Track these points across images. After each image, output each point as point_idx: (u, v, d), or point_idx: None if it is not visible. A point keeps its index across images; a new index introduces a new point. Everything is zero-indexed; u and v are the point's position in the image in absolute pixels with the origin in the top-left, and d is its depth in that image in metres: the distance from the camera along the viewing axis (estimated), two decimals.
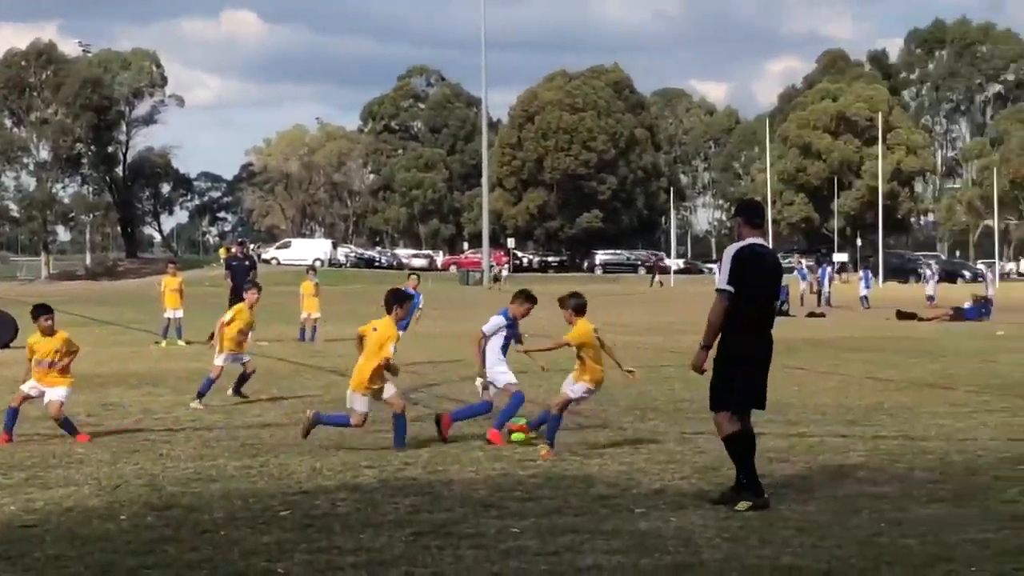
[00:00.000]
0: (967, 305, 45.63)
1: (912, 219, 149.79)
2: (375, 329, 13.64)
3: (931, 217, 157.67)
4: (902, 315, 44.92)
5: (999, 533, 9.27)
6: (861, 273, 64.15)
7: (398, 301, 14.03)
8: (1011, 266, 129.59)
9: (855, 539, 9.10)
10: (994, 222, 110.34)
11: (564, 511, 10.20)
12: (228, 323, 18.57)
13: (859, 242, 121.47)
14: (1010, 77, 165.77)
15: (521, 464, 12.48)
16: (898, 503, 10.49)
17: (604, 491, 11.07)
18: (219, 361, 18.32)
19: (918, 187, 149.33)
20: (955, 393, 19.26)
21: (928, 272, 62.41)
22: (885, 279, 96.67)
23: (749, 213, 10.96)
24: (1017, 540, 9.01)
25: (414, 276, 27.45)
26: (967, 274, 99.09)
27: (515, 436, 14.11)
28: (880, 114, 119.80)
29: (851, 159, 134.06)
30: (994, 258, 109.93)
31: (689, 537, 9.19)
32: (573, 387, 13.58)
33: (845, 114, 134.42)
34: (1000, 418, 16.10)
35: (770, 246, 10.81)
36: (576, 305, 13.78)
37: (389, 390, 13.65)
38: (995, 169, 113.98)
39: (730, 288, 10.33)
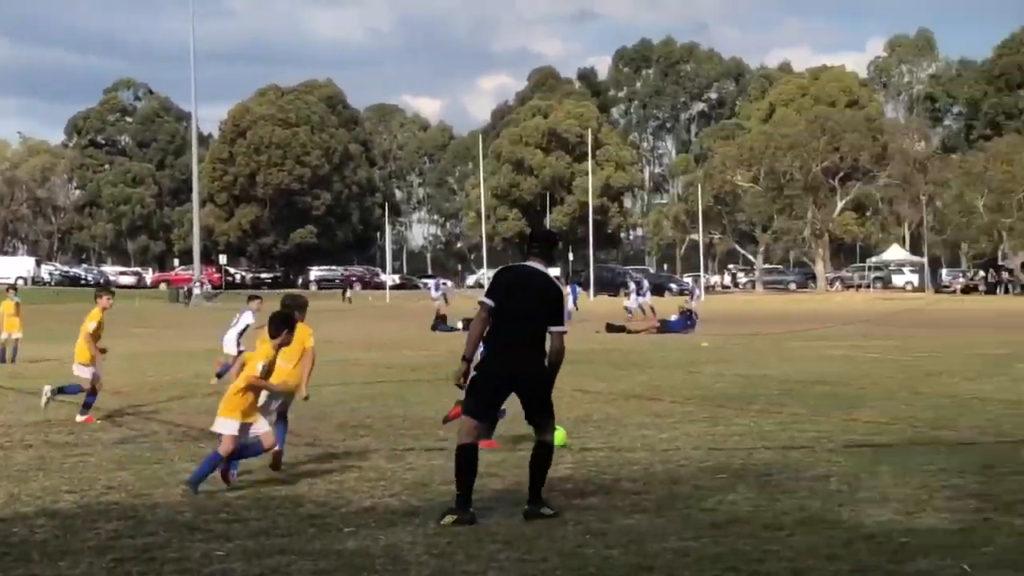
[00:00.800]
0: (673, 318, 46.82)
1: (622, 233, 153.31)
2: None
3: (640, 231, 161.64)
4: (611, 328, 45.83)
5: (699, 541, 9.49)
6: (568, 288, 65.21)
7: (288, 326, 12.58)
8: (715, 279, 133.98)
9: (560, 551, 9.20)
10: (699, 236, 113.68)
11: (271, 532, 10.06)
12: (94, 332, 18.21)
13: (571, 256, 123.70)
14: (713, 96, 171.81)
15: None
16: (603, 514, 10.66)
17: (313, 510, 10.96)
18: (88, 373, 18.03)
19: (627, 202, 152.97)
20: (660, 404, 19.71)
21: (631, 285, 63.65)
22: (596, 293, 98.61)
23: (529, 240, 11.34)
24: (715, 548, 9.25)
25: (256, 299, 26.19)
26: (674, 287, 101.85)
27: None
28: (590, 131, 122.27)
29: (562, 175, 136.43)
30: (699, 271, 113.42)
31: (397, 555, 9.16)
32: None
33: (556, 131, 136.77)
34: (702, 428, 16.55)
35: (546, 271, 10.91)
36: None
37: (262, 426, 12.30)
38: (699, 185, 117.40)
39: (488, 301, 10.59)
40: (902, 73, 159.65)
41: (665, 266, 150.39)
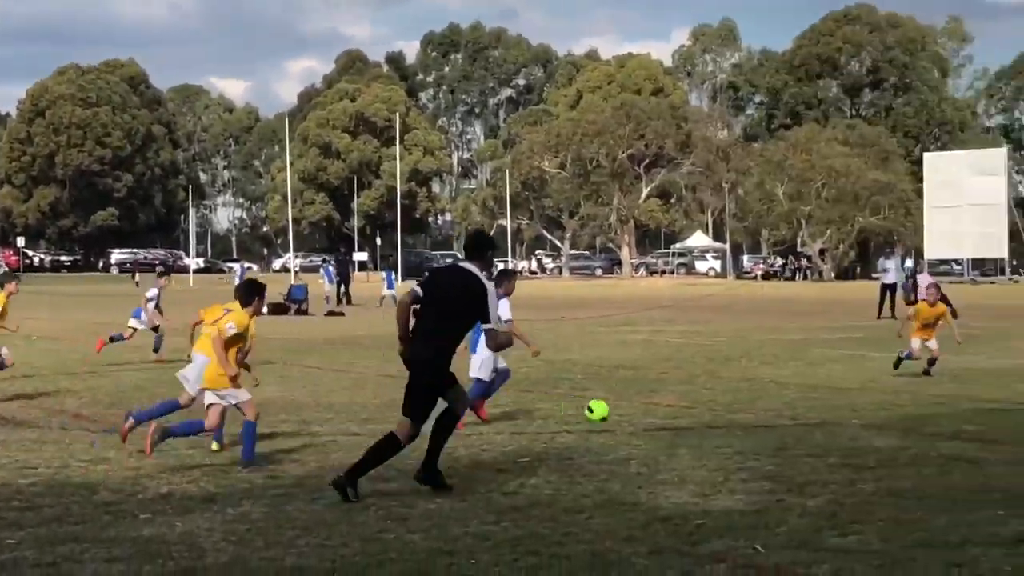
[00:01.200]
0: None
1: (430, 218, 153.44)
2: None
3: (448, 216, 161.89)
4: None
5: (500, 525, 9.54)
6: (384, 273, 64.81)
7: (258, 293, 12.84)
8: (523, 264, 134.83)
9: (360, 536, 9.16)
10: (507, 222, 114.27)
11: (65, 520, 9.82)
12: None
13: (379, 241, 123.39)
14: (521, 82, 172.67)
15: (21, 472, 11.96)
16: (405, 499, 10.64)
17: (108, 497, 10.74)
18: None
19: (435, 187, 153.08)
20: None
21: None
22: (404, 277, 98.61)
23: (466, 243, 11.74)
24: (516, 531, 9.29)
25: (165, 277, 27.26)
26: None
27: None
28: (398, 115, 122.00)
29: (370, 159, 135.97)
30: (507, 257, 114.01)
31: (194, 541, 9.03)
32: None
33: (364, 114, 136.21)
34: (506, 412, 16.62)
35: (475, 270, 11.11)
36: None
37: (244, 394, 12.47)
38: (507, 171, 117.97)
39: (417, 289, 11.02)
40: (706, 62, 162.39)
41: None
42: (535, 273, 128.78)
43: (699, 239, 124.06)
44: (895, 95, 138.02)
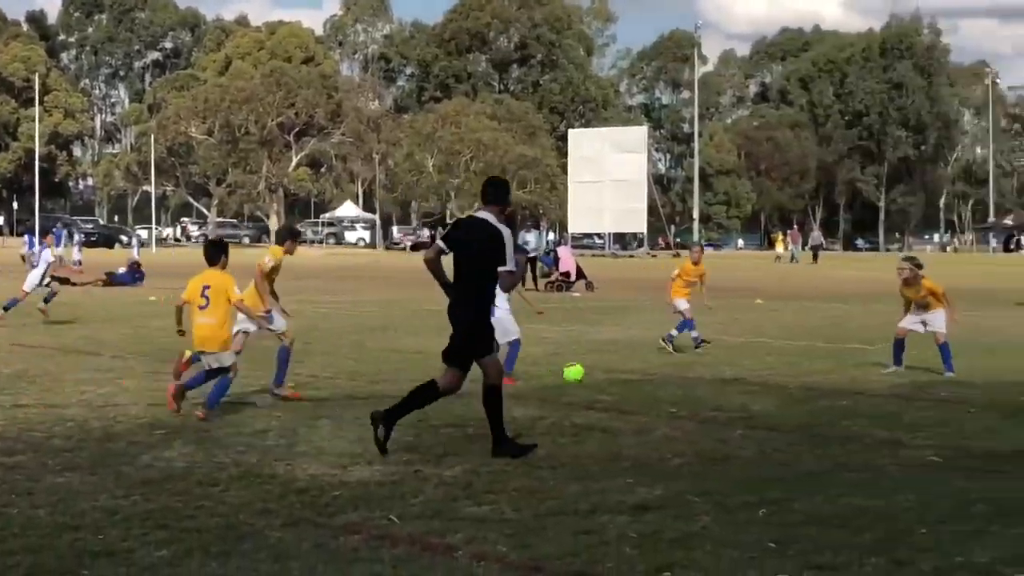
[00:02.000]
0: (121, 270, 45.86)
1: (71, 183, 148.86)
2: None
3: (90, 181, 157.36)
4: (55, 279, 44.33)
5: (129, 499, 9.28)
6: (25, 238, 62.62)
7: (292, 236, 15.96)
8: (168, 231, 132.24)
9: None
10: (152, 188, 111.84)
11: None
12: None
13: (15, 205, 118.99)
14: (168, 45, 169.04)
15: None
16: (31, 473, 10.26)
17: None
18: None
19: (77, 151, 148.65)
20: (101, 359, 19.22)
21: (77, 237, 61.87)
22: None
23: (483, 189, 12.00)
24: (146, 505, 9.06)
25: (50, 234, 32.10)
26: (124, 239, 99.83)
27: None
28: (37, 76, 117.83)
29: (7, 120, 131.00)
30: (152, 223, 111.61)
31: None
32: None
33: (2, 74, 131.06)
34: (143, 383, 16.22)
35: (491, 218, 11.55)
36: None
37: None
38: (152, 136, 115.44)
39: (441, 244, 11.68)
40: (357, 32, 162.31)
41: (116, 217, 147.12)
42: (179, 241, 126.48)
43: (349, 209, 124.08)
44: (542, 72, 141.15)
